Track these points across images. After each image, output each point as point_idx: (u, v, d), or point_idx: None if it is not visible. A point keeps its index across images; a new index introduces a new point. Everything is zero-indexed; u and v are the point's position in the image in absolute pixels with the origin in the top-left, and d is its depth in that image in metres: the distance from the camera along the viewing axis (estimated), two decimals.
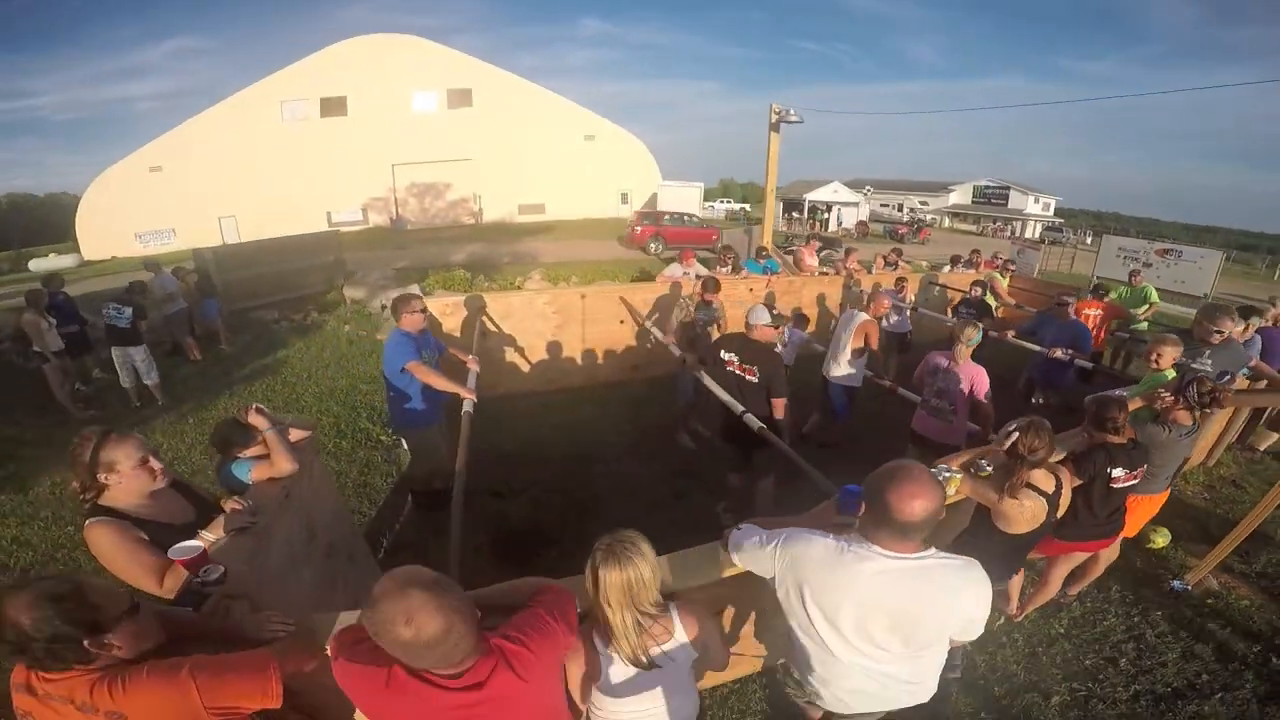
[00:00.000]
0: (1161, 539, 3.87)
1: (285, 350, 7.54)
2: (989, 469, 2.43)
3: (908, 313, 6.89)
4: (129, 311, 5.83)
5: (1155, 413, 3.23)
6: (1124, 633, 3.11)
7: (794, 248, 10.47)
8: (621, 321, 6.21)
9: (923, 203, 46.87)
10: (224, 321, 7.84)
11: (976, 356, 3.96)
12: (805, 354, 5.69)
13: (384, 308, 9.06)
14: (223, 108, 24.62)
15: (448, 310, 5.25)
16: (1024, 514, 2.29)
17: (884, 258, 9.32)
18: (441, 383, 3.40)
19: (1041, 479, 2.36)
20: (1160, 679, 2.81)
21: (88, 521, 1.72)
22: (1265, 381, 4.32)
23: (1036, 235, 37.32)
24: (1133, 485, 2.80)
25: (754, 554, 1.68)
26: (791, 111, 6.77)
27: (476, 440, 4.33)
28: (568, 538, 3.70)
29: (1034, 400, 5.59)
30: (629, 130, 31.56)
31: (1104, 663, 2.92)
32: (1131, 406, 3.17)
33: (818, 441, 5.07)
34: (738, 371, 3.61)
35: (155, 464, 1.82)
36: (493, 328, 5.51)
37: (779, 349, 5.41)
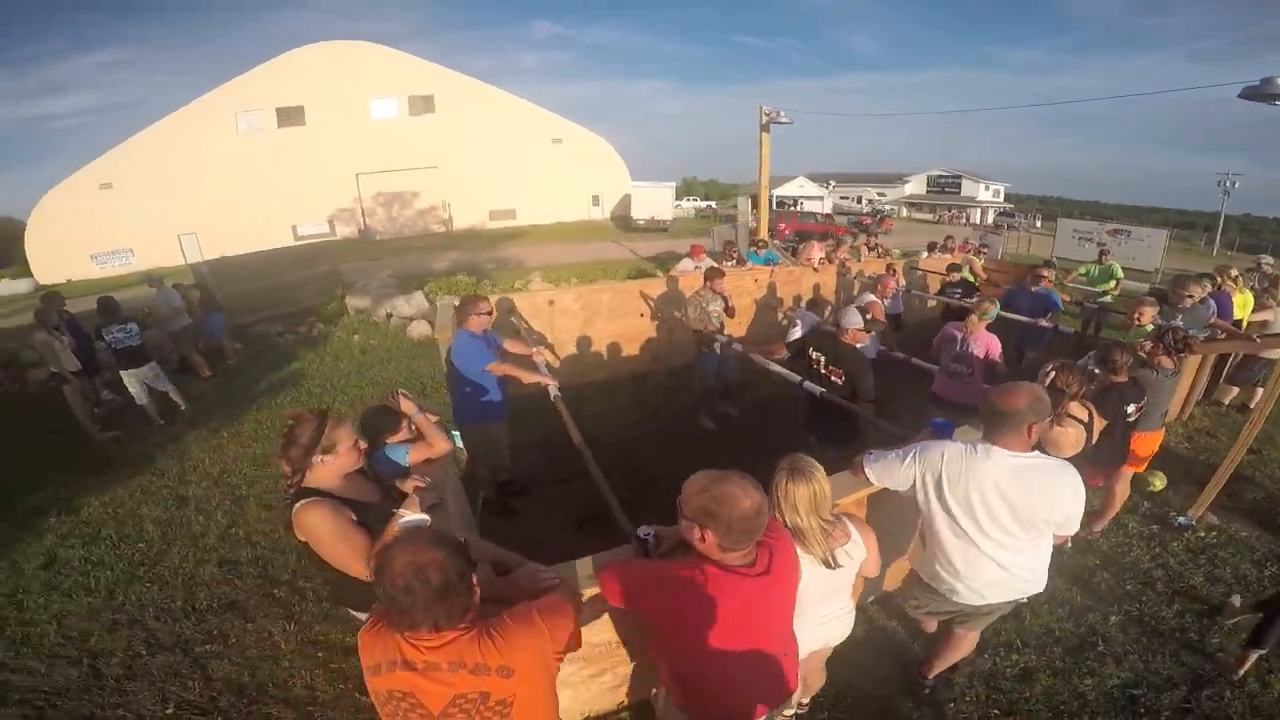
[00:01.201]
0: (1160, 482, 4.41)
1: (298, 363, 7.56)
2: None
3: (900, 295, 7.40)
4: (136, 328, 5.77)
5: (1143, 360, 3.80)
6: (1150, 561, 3.63)
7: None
8: (642, 315, 6.51)
9: (880, 194, 48.50)
10: (229, 336, 7.80)
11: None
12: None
13: (389, 316, 9.12)
14: (173, 121, 23.84)
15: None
16: (1069, 439, 2.73)
17: (865, 246, 9.90)
18: (527, 375, 3.59)
19: (1076, 409, 2.83)
20: (1194, 598, 3.30)
21: (302, 502, 1.76)
22: (1224, 334, 5.20)
23: (990, 221, 39.04)
24: (1139, 419, 3.39)
25: (891, 469, 2.08)
26: (781, 113, 7.18)
27: (524, 435, 4.64)
28: (643, 513, 3.96)
29: (1024, 358, 6.22)
30: (595, 132, 31.79)
31: (1142, 587, 3.41)
32: None
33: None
34: (823, 372, 3.70)
35: (363, 443, 1.93)
36: (525, 326, 5.73)
37: (797, 333, 5.82)
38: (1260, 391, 6.17)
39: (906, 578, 2.58)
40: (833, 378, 3.65)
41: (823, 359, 3.72)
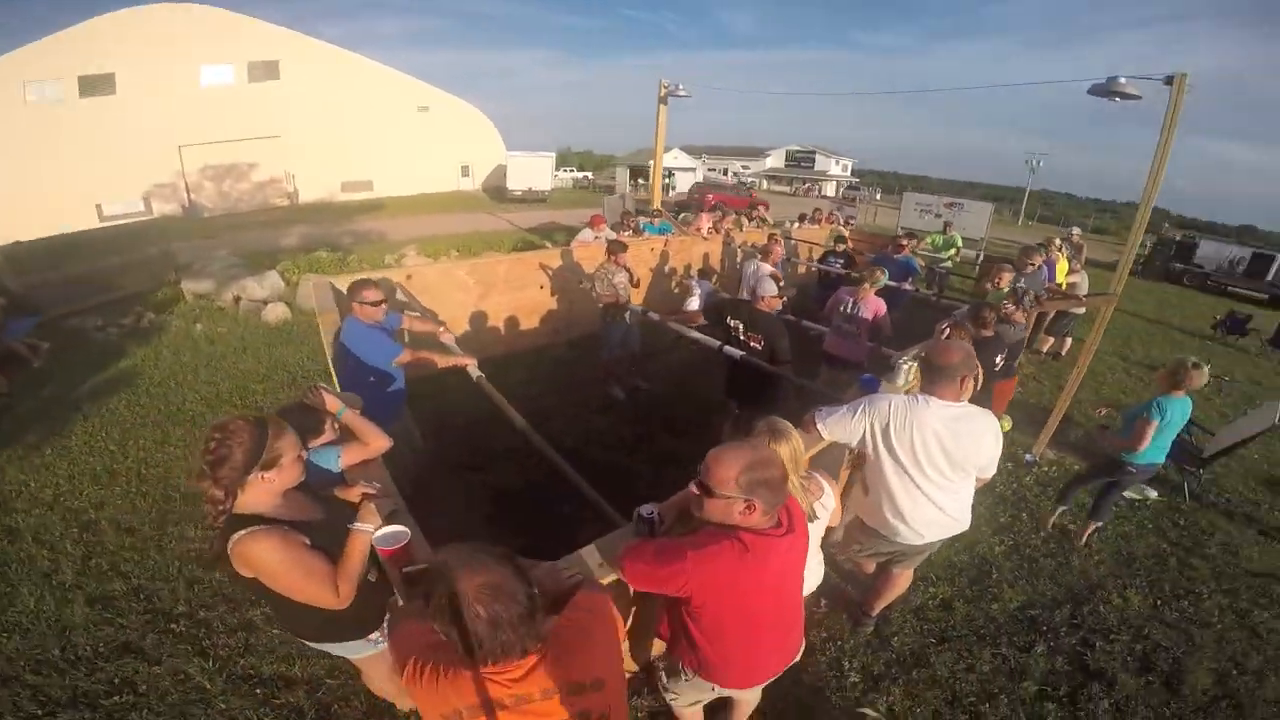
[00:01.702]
0: (1007, 424, 5.18)
1: (128, 360, 6.39)
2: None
3: (782, 263, 7.88)
4: None
5: (1002, 317, 4.38)
6: (1013, 495, 4.31)
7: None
8: (541, 287, 6.29)
9: (744, 167, 50.89)
10: (30, 335, 6.39)
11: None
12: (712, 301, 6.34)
13: (238, 300, 8.01)
14: None
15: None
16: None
17: (745, 218, 10.39)
18: (442, 359, 3.28)
19: None
20: (1053, 525, 4.01)
21: (242, 534, 1.46)
22: (1052, 295, 6.15)
23: (840, 194, 42.54)
24: (1000, 370, 3.95)
25: (843, 423, 2.20)
26: (680, 87, 7.22)
27: (427, 420, 4.33)
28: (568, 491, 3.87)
29: None
30: (467, 101, 29.97)
31: (1012, 519, 4.08)
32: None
33: None
34: (742, 338, 3.83)
35: (304, 453, 1.62)
36: (408, 301, 5.30)
37: (693, 302, 5.97)
38: (1069, 340, 7.50)
39: (847, 525, 2.76)
40: (751, 343, 3.78)
41: (740, 325, 3.84)
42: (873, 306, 4.76)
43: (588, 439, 4.61)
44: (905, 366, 3.15)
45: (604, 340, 5.25)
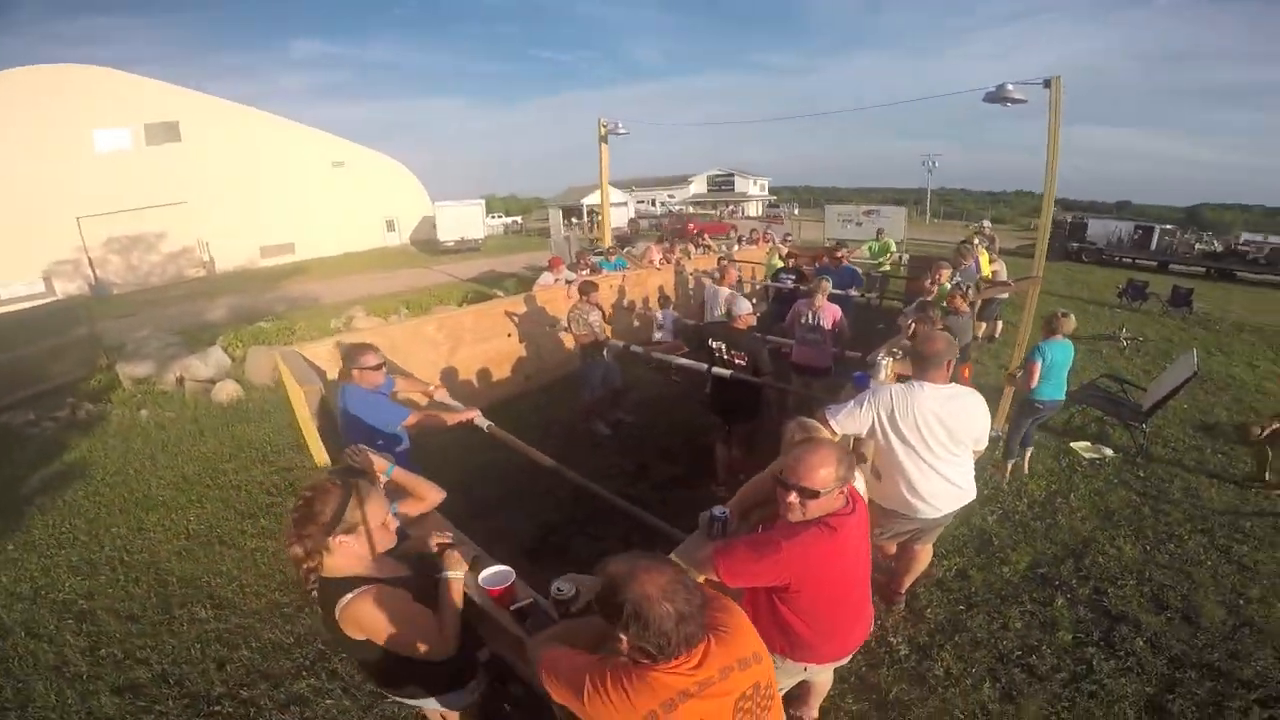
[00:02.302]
0: None
1: (72, 453, 5.98)
2: (899, 352, 3.60)
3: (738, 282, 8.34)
4: None
5: (947, 309, 4.88)
6: (991, 468, 4.72)
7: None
8: (509, 335, 6.38)
9: (670, 195, 52.47)
10: None
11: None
12: (680, 328, 6.66)
13: (181, 381, 7.62)
14: None
15: (330, 356, 4.90)
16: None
17: (692, 245, 10.91)
18: (450, 416, 3.32)
19: None
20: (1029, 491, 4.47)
21: (349, 597, 1.48)
22: (983, 284, 6.79)
23: (760, 213, 44.51)
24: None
25: (853, 416, 2.56)
26: (619, 125, 7.55)
27: (435, 473, 4.33)
28: (590, 525, 4.06)
29: None
30: (385, 153, 29.67)
31: (994, 490, 4.49)
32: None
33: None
34: (726, 357, 4.08)
35: (394, 521, 1.65)
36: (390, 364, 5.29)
37: (660, 333, 6.22)
38: (1000, 324, 8.32)
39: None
40: (736, 360, 4.05)
41: (723, 346, 4.10)
42: (830, 314, 5.15)
43: (589, 475, 4.68)
44: (884, 362, 3.53)
45: (585, 380, 5.39)
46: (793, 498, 1.68)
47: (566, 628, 1.56)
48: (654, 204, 49.60)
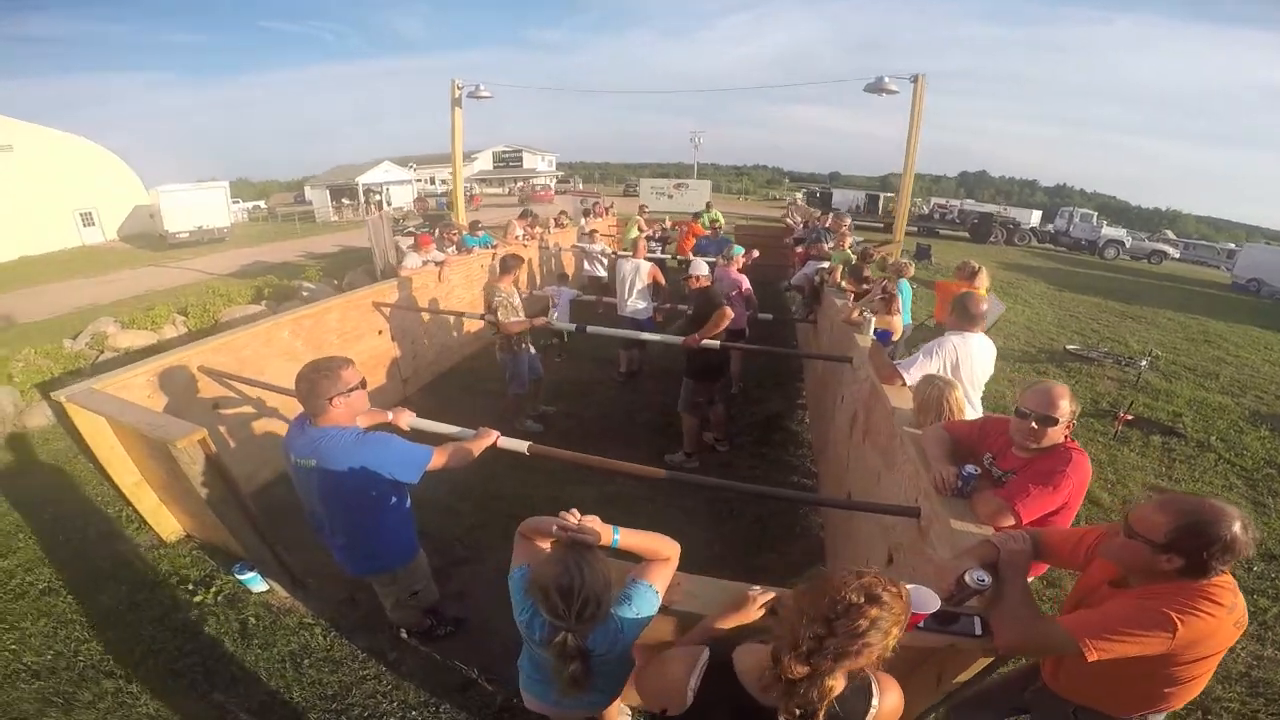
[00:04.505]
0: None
1: None
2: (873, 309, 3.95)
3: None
4: None
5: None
6: None
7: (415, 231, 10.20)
8: (380, 333, 5.11)
9: (452, 173, 48.91)
10: None
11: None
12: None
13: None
14: None
15: (148, 388, 3.35)
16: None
17: (553, 220, 10.13)
18: (475, 445, 2.30)
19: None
20: None
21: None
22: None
23: (553, 187, 44.01)
24: None
25: (923, 368, 2.83)
26: (481, 87, 6.47)
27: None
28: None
29: None
30: (75, 134, 22.49)
31: None
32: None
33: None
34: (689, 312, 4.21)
35: None
36: (228, 392, 3.81)
37: (556, 313, 5.68)
38: None
39: None
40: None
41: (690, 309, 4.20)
42: (737, 278, 5.23)
43: (565, 479, 3.95)
44: (870, 319, 3.66)
45: (513, 374, 4.50)
46: (1033, 424, 1.88)
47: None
48: (432, 182, 45.83)
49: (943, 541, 1.87)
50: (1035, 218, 28.46)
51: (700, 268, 4.35)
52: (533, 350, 4.64)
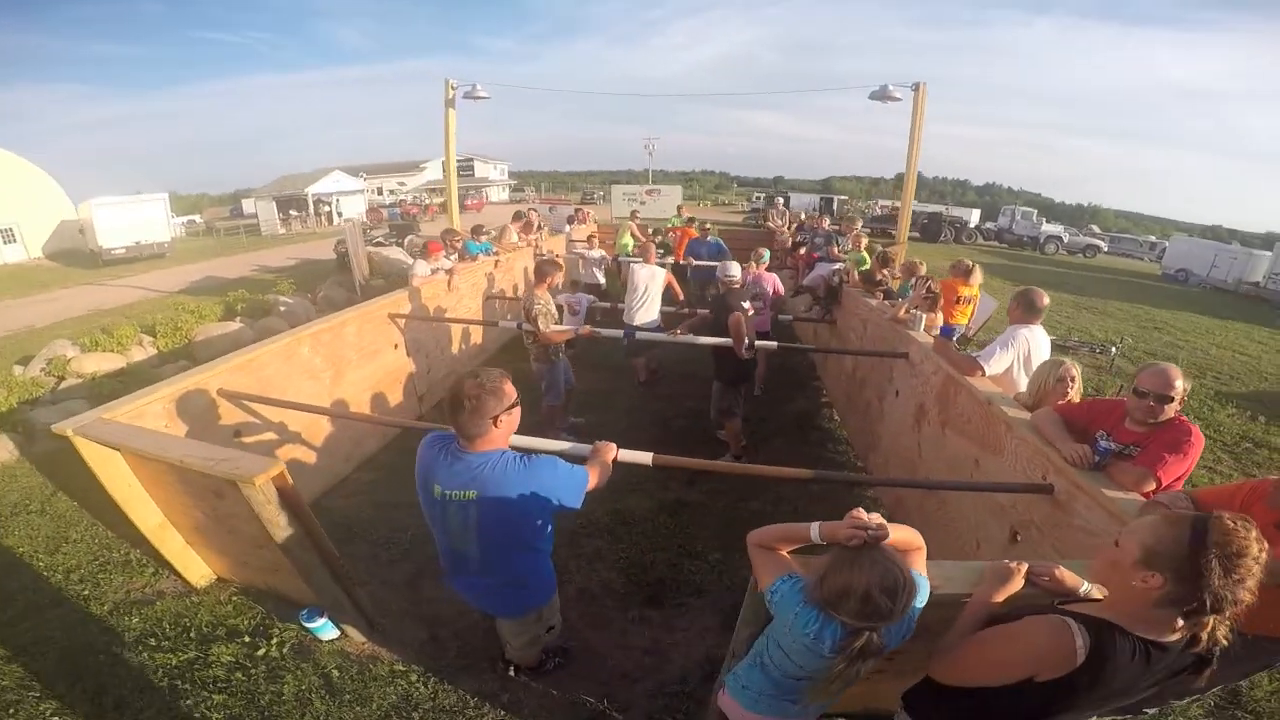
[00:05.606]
0: None
1: None
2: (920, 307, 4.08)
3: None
4: None
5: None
6: None
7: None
8: (396, 346, 4.84)
9: (400, 184, 47.51)
10: None
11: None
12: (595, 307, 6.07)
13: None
14: None
15: (165, 416, 3.03)
16: None
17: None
18: (606, 462, 2.11)
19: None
20: None
21: None
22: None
23: (506, 197, 43.39)
24: None
25: (1001, 360, 3.02)
26: (479, 87, 6.24)
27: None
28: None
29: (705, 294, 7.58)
30: None
31: None
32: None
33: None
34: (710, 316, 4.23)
35: None
36: (251, 417, 3.50)
37: (573, 319, 5.56)
38: None
39: None
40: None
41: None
42: (770, 280, 5.30)
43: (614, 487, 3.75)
44: (920, 316, 3.71)
45: (550, 385, 4.31)
46: (1151, 402, 2.04)
47: None
48: (380, 192, 44.45)
49: (1093, 512, 1.97)
50: (976, 216, 30.03)
51: (732, 270, 4.26)
52: (566, 360, 4.48)
